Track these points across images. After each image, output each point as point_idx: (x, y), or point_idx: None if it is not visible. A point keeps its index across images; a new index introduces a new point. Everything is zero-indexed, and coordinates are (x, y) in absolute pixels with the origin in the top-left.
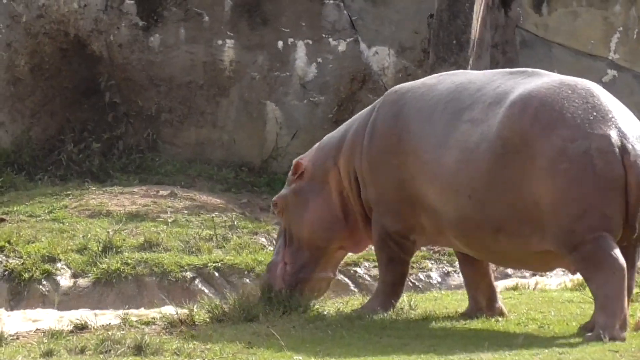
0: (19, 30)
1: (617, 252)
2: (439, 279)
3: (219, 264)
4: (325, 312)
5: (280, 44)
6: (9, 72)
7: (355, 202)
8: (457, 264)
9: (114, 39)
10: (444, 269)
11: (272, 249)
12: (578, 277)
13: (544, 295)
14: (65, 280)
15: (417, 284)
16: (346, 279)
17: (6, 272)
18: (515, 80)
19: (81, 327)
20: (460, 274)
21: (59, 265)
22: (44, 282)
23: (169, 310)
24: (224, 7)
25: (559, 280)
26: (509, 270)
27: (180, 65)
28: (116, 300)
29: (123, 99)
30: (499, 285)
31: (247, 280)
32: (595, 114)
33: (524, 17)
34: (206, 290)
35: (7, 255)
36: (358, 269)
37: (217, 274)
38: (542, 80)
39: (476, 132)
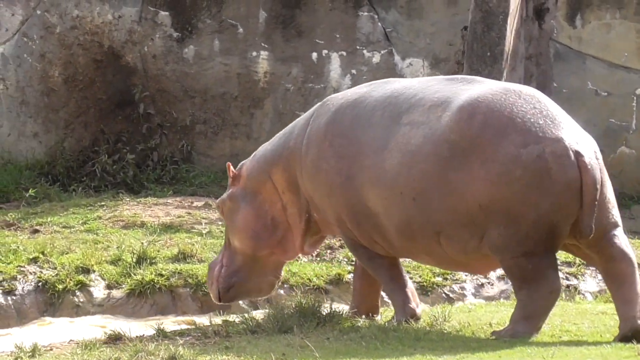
0: (52, 41)
1: (557, 272)
2: (473, 290)
3: None
4: (359, 324)
5: (314, 55)
6: (42, 83)
7: (297, 213)
8: (491, 275)
9: (148, 50)
10: (477, 281)
11: (305, 260)
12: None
13: (578, 307)
14: (99, 291)
15: (450, 295)
16: (381, 292)
17: (40, 283)
18: (456, 86)
19: (115, 338)
20: (491, 286)
21: (92, 276)
22: (78, 293)
23: (203, 321)
24: (258, 18)
25: (593, 290)
26: None
27: (215, 76)
28: (150, 312)
29: (157, 110)
30: None
31: (281, 292)
32: (544, 118)
33: (557, 30)
34: (240, 302)
35: (41, 266)
36: None
37: None
38: (485, 86)
39: (417, 134)
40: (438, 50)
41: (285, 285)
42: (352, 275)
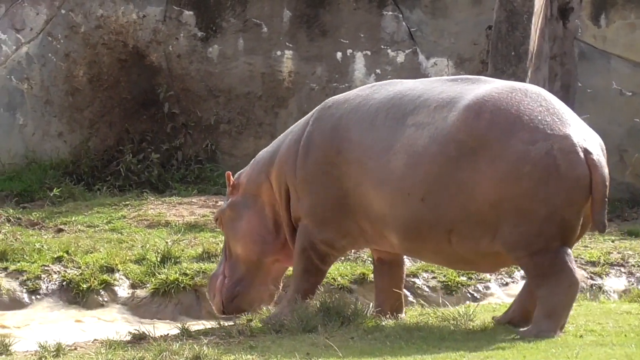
0: (77, 40)
1: (574, 266)
2: (498, 290)
3: None
4: (383, 323)
5: (339, 55)
6: (67, 82)
7: (284, 214)
8: (515, 274)
9: (172, 49)
10: (502, 280)
11: None
12: (637, 288)
13: (602, 306)
14: (123, 290)
15: (475, 295)
16: (405, 290)
17: (64, 283)
18: (461, 87)
19: (139, 338)
20: (522, 285)
21: (117, 275)
22: (102, 293)
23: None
24: (282, 18)
25: (618, 289)
26: None
27: (239, 76)
28: (174, 311)
29: (182, 110)
30: None
31: None
32: (551, 116)
33: (582, 29)
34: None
35: (65, 265)
36: (417, 280)
37: None
38: (490, 86)
39: (423, 135)
40: (462, 49)
41: None
42: None
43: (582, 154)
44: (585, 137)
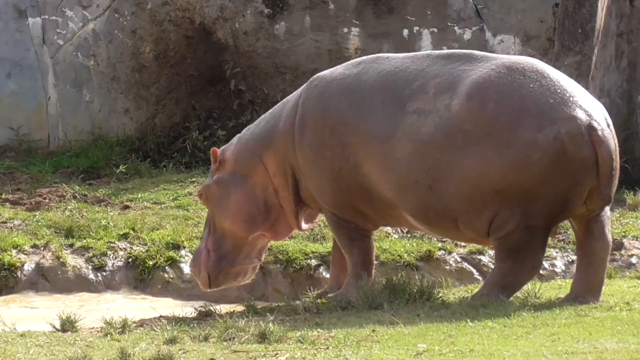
0: (144, 17)
1: (544, 252)
2: (563, 268)
3: None
4: (449, 301)
5: (405, 32)
6: (133, 59)
7: (290, 196)
8: None
9: (239, 26)
10: (568, 258)
11: (396, 236)
12: None
13: None
14: (189, 267)
15: (541, 272)
16: (471, 267)
17: (130, 259)
18: (454, 67)
19: (205, 314)
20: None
21: (183, 252)
22: (168, 270)
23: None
24: None
25: None
26: (633, 259)
27: (306, 53)
28: (240, 288)
29: (248, 87)
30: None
31: None
32: (554, 96)
33: None
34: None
35: (131, 242)
36: (482, 257)
37: None
38: (486, 67)
39: (426, 123)
40: (529, 27)
41: (375, 262)
42: (442, 252)
43: (587, 135)
44: (589, 112)
